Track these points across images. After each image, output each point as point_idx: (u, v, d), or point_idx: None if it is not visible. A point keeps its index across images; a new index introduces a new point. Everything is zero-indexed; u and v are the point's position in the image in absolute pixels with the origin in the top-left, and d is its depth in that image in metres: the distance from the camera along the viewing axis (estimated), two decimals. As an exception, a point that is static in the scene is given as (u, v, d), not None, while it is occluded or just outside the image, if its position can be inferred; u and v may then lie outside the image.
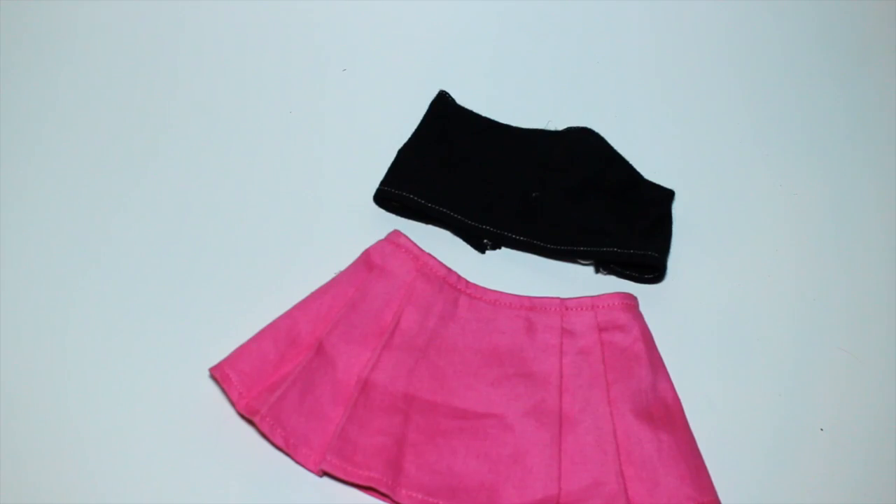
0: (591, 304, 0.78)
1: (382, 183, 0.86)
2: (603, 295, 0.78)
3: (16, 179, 0.87)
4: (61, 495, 0.72)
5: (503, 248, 0.85)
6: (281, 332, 0.76)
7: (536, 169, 0.87)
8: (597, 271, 0.85)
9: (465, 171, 0.87)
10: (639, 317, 0.78)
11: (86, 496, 0.72)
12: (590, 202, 0.85)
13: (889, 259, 0.87)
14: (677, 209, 0.87)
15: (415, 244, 0.80)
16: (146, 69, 0.95)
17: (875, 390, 0.80)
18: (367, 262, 0.79)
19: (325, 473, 0.73)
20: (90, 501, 0.71)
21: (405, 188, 0.85)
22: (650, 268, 0.83)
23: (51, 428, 0.74)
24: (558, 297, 0.78)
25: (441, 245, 0.84)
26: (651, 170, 0.88)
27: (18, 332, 0.79)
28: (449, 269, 0.79)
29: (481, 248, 0.85)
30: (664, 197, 0.87)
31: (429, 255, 0.79)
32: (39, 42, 0.96)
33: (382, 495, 0.72)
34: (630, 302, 0.78)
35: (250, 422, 0.74)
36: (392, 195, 0.85)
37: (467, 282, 0.80)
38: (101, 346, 0.78)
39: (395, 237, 0.80)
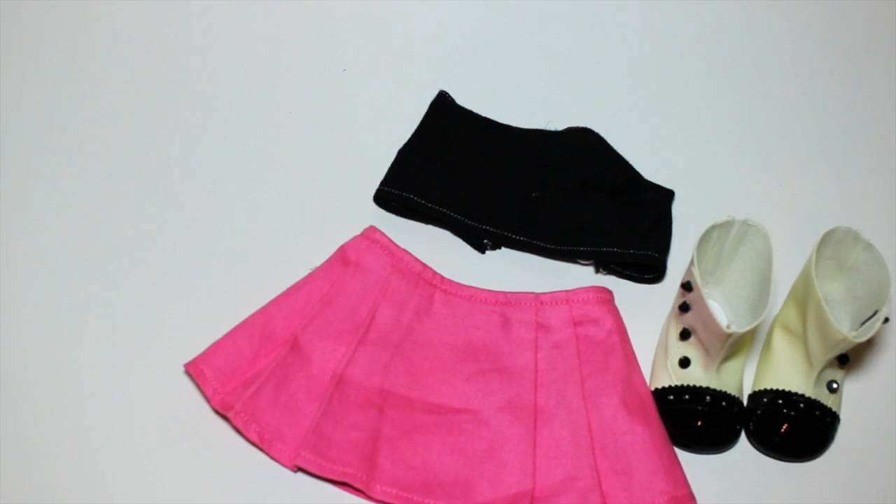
0: (566, 298, 0.77)
1: (382, 183, 0.86)
2: (577, 289, 0.78)
3: None
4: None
5: (503, 248, 0.85)
6: (256, 327, 0.76)
7: (536, 169, 0.87)
8: (597, 271, 0.85)
9: (465, 171, 0.87)
10: (613, 310, 0.78)
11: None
12: (590, 202, 0.85)
13: (889, 259, 0.86)
14: (677, 209, 0.87)
15: (390, 240, 0.79)
16: (145, 69, 0.95)
17: (875, 390, 0.80)
18: (342, 257, 0.79)
19: (299, 469, 0.73)
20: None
21: (405, 188, 0.85)
22: (650, 268, 0.83)
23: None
24: (533, 292, 0.78)
25: (441, 245, 0.84)
26: (651, 170, 0.88)
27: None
28: (424, 265, 0.79)
29: (481, 248, 0.85)
30: (664, 197, 0.87)
31: (404, 250, 0.79)
32: (39, 47, 0.96)
33: (357, 490, 0.72)
34: (604, 296, 0.78)
35: (225, 417, 0.74)
36: (392, 195, 0.85)
37: (442, 277, 0.79)
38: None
39: (370, 233, 0.80)
